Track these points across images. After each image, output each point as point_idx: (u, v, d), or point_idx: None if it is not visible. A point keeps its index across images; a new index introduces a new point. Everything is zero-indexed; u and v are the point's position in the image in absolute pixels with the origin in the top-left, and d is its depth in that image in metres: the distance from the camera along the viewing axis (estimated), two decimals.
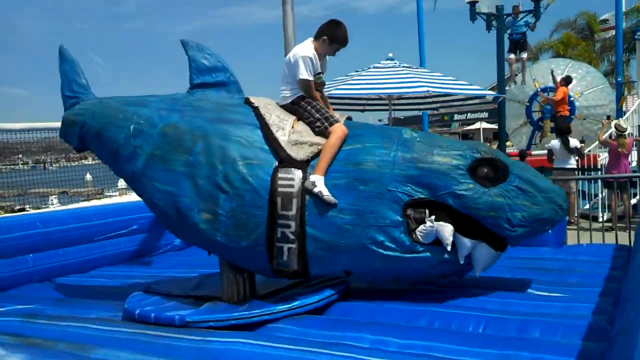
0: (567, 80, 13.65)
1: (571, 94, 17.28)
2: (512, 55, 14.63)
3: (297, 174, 3.57)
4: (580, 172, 10.82)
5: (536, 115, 17.14)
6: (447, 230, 3.48)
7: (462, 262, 3.59)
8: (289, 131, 3.70)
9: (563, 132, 10.36)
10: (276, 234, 3.57)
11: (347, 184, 3.53)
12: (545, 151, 11.17)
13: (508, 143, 16.52)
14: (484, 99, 11.59)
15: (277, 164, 3.61)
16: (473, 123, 33.63)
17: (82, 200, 12.38)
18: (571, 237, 6.16)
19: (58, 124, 8.83)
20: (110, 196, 11.52)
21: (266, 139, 3.69)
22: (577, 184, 9.79)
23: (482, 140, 31.39)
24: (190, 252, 6.11)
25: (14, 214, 7.84)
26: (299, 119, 3.85)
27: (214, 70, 4.07)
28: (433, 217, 3.50)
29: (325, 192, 3.50)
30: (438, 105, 12.52)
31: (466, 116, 32.15)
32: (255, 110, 3.83)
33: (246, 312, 3.51)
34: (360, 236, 3.52)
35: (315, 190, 3.49)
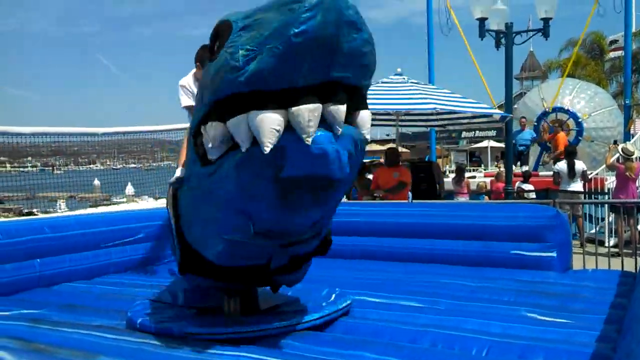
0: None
1: (579, 114, 17.32)
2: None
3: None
4: (587, 196, 10.82)
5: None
6: (208, 128, 2.75)
7: (243, 149, 2.62)
8: None
9: (570, 155, 10.38)
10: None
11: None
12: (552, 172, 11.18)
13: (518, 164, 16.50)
14: (492, 117, 11.63)
15: None
16: (481, 141, 33.63)
17: (90, 206, 12.45)
18: (577, 262, 6.16)
19: (66, 129, 8.88)
20: (117, 202, 11.58)
21: None
22: (584, 208, 9.78)
23: (489, 160, 31.42)
24: None
25: (23, 217, 7.90)
26: None
27: None
28: (202, 125, 2.82)
29: (175, 176, 3.59)
30: (445, 122, 12.57)
31: (474, 134, 32.16)
32: None
33: (247, 327, 3.53)
34: (187, 198, 3.34)
35: (170, 180, 3.64)
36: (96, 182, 14.66)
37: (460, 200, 11.51)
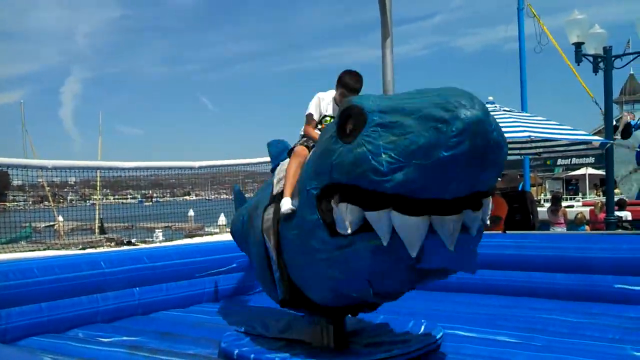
0: None
1: None
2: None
3: (273, 207, 3.69)
4: None
5: None
6: (342, 209, 2.86)
7: (385, 243, 2.74)
8: (280, 171, 3.92)
9: None
10: (272, 268, 3.75)
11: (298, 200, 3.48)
12: None
13: (616, 190, 15.67)
14: (590, 144, 11.12)
15: (267, 203, 3.83)
16: (578, 168, 32.22)
17: (185, 236, 12.92)
18: None
19: (165, 163, 9.30)
20: (210, 233, 11.93)
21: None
22: None
23: (587, 188, 30.01)
24: None
25: (124, 247, 8.29)
26: None
27: (283, 152, 4.39)
28: (335, 198, 2.92)
29: (285, 207, 3.47)
30: (540, 150, 12.14)
31: (570, 161, 30.85)
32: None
33: (345, 357, 3.52)
34: (303, 247, 3.28)
35: (282, 210, 3.49)
36: (191, 212, 15.20)
37: (557, 231, 11.01)
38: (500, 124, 9.08)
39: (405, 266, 2.84)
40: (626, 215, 11.63)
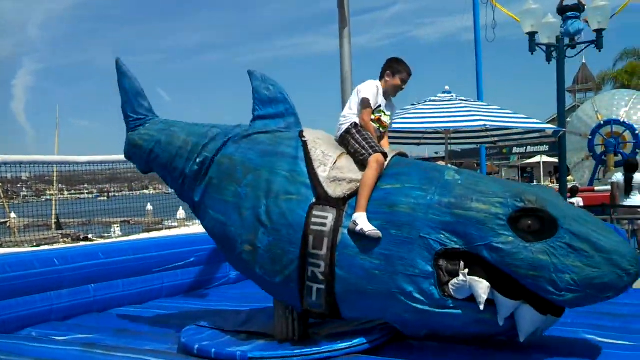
0: None
1: (636, 126, 16.76)
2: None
3: (331, 212, 3.44)
4: None
5: (599, 149, 16.65)
6: (481, 286, 3.10)
7: (501, 324, 3.19)
8: (330, 167, 3.59)
9: (629, 167, 9.99)
10: (307, 273, 3.48)
11: (380, 227, 3.32)
12: (609, 187, 10.80)
13: (569, 177, 16.07)
14: (544, 132, 11.36)
15: (314, 200, 3.52)
16: (533, 156, 32.92)
17: (143, 230, 12.73)
18: (639, 280, 5.88)
19: (121, 157, 9.15)
20: (169, 227, 11.79)
21: (309, 175, 3.61)
22: None
23: (542, 174, 30.70)
24: (245, 285, 6.15)
25: (78, 243, 8.12)
26: (347, 151, 3.75)
27: (275, 102, 4.10)
28: (467, 270, 3.14)
29: (368, 228, 3.30)
30: (496, 138, 12.34)
31: (525, 149, 31.52)
32: (304, 144, 3.77)
33: (307, 349, 3.51)
34: (388, 283, 3.30)
35: (357, 228, 3.32)
36: (149, 206, 15.00)
37: None
38: (456, 113, 9.17)
39: (488, 335, 3.45)
40: (578, 201, 11.92)
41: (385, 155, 3.59)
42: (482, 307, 3.11)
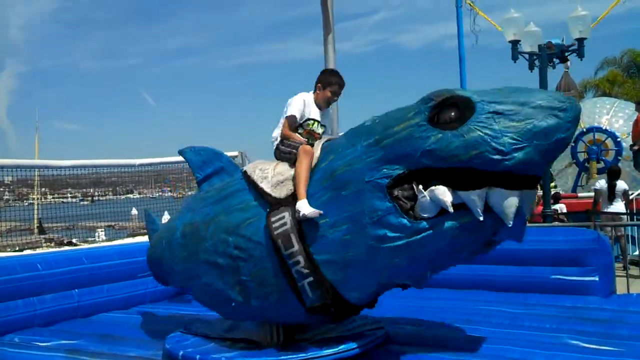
0: None
1: (618, 134, 16.96)
2: None
3: (286, 211, 3.54)
4: (629, 217, 10.50)
5: (582, 156, 16.81)
6: (439, 191, 3.05)
7: (481, 219, 3.03)
8: (270, 176, 3.76)
9: (612, 174, 10.11)
10: (294, 275, 3.51)
11: (330, 197, 3.43)
12: (592, 194, 10.92)
13: (552, 184, 16.21)
14: None
15: (268, 210, 3.63)
16: None
17: (128, 234, 12.62)
18: (620, 286, 5.96)
19: (104, 161, 9.08)
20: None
21: (257, 194, 3.77)
22: (626, 229, 9.50)
23: None
24: None
25: (62, 248, 8.04)
26: (281, 161, 3.91)
27: (209, 162, 4.38)
28: (420, 186, 3.11)
29: (308, 210, 3.41)
30: None
31: None
32: (244, 174, 3.95)
33: (292, 355, 3.52)
34: (364, 239, 3.30)
35: (301, 215, 3.43)
36: (134, 211, 14.88)
37: None
38: None
39: (482, 241, 3.25)
40: (561, 207, 12.03)
41: (310, 145, 3.75)
42: (450, 210, 3.04)
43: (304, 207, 3.42)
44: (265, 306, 3.70)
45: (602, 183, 10.14)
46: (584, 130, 16.80)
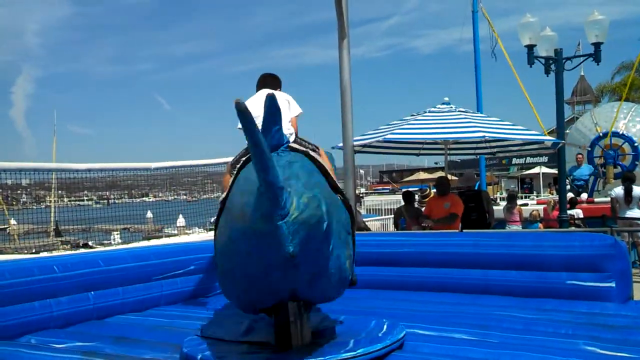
0: None
1: (635, 138, 16.81)
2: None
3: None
4: None
5: (598, 161, 16.69)
6: None
7: None
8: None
9: (627, 180, 10.03)
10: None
11: None
12: (609, 199, 10.83)
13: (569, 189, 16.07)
14: (543, 144, 11.40)
15: None
16: (532, 167, 32.98)
17: (143, 237, 12.73)
18: (638, 292, 5.90)
19: (121, 164, 9.15)
20: (169, 234, 11.79)
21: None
22: None
23: (541, 186, 30.72)
24: None
25: (77, 251, 8.12)
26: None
27: None
28: None
29: None
30: (495, 150, 12.38)
31: (525, 160, 31.57)
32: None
33: (311, 359, 3.50)
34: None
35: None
36: (149, 214, 15.01)
37: (512, 229, 11.25)
38: (456, 125, 9.27)
39: None
40: (578, 213, 11.95)
41: None
42: None
43: None
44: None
45: (617, 190, 10.07)
46: (601, 134, 16.70)
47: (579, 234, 6.31)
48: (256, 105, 3.94)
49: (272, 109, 3.05)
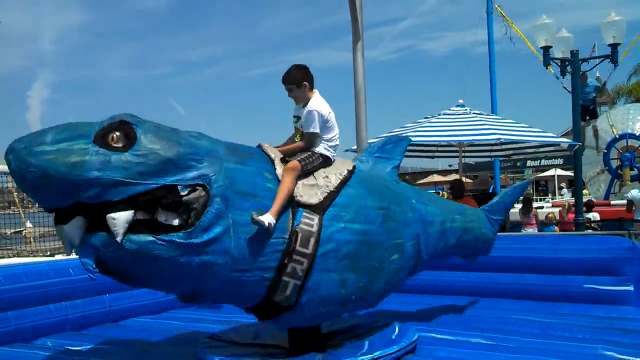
0: None
1: None
2: (582, 123, 14.16)
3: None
4: None
5: (614, 163, 16.52)
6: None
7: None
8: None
9: None
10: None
11: None
12: (625, 201, 10.72)
13: (585, 191, 15.94)
14: (559, 146, 11.30)
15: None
16: (547, 169, 32.72)
17: None
18: None
19: None
20: None
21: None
22: None
23: (556, 188, 30.51)
24: None
25: None
26: None
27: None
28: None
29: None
30: (510, 152, 12.30)
31: (540, 162, 31.32)
32: None
33: None
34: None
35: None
36: None
37: (528, 232, 11.16)
38: (471, 127, 9.14)
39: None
40: (594, 216, 11.83)
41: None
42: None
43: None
44: None
45: (634, 192, 9.96)
46: (617, 137, 16.54)
47: (596, 237, 6.25)
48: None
49: None
